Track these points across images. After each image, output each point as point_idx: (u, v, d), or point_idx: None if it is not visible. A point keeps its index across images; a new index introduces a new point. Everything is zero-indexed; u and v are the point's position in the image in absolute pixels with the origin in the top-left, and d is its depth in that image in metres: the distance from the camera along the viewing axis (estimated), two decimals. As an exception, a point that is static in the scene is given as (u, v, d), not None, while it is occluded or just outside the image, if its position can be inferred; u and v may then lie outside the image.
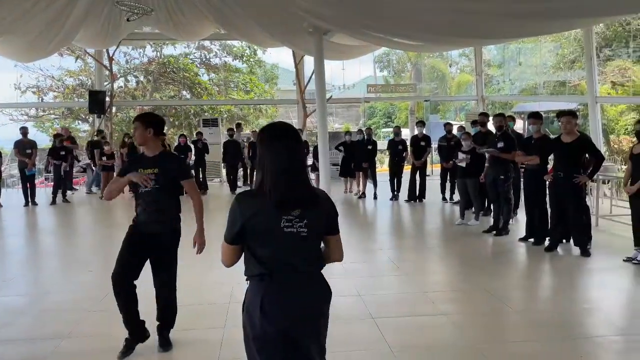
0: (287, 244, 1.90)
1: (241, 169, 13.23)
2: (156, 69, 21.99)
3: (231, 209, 1.92)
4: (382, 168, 15.19)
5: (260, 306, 1.88)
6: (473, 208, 8.06)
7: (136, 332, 3.47)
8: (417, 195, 10.28)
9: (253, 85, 22.60)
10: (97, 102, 14.71)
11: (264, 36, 12.72)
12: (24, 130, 11.49)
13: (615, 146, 13.41)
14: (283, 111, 26.04)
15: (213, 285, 5.03)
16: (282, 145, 1.92)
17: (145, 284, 3.52)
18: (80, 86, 21.35)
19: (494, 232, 7.09)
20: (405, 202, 10.27)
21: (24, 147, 11.16)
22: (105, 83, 16.14)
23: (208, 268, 5.62)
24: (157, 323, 3.58)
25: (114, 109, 16.26)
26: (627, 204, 5.91)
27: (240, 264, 2.03)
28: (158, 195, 3.39)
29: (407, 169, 10.99)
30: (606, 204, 8.50)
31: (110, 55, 15.79)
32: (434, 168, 14.04)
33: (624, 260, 5.56)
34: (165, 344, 3.55)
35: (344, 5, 8.49)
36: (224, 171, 13.89)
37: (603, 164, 6.14)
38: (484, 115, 8.77)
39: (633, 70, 16.89)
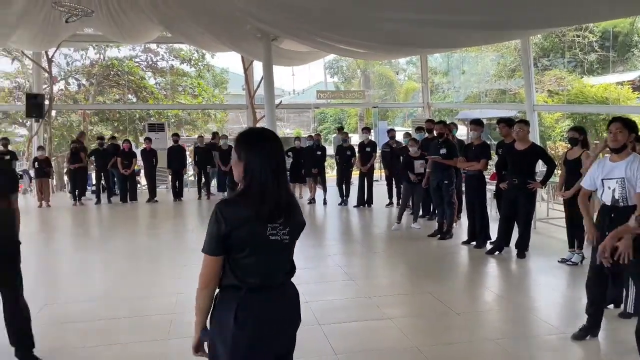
0: (270, 252, 1.86)
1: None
2: (99, 72, 21.23)
3: (213, 219, 1.81)
4: (332, 174, 15.28)
5: (235, 317, 1.81)
6: (412, 212, 8.30)
7: None
8: (365, 201, 10.40)
9: (201, 90, 22.21)
10: (35, 106, 14.02)
11: (211, 41, 12.57)
12: (-47, 135, 10.80)
13: (552, 152, 14.09)
14: (233, 116, 25.77)
15: (152, 295, 4.89)
16: (271, 150, 1.86)
17: None
18: (17, 89, 20.32)
19: (438, 235, 7.27)
20: (354, 207, 10.37)
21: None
22: (45, 86, 15.43)
23: (147, 279, 5.49)
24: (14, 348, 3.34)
25: (53, 113, 15.57)
26: (563, 207, 6.20)
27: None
28: None
29: (355, 175, 11.11)
30: (543, 207, 8.90)
31: (50, 57, 15.12)
32: (382, 173, 14.26)
33: (559, 261, 5.83)
34: None
35: (291, 12, 8.51)
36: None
37: (540, 169, 6.43)
38: (430, 122, 8.98)
39: (568, 80, 17.82)
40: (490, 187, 7.88)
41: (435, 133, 7.61)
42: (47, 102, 14.54)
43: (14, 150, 12.55)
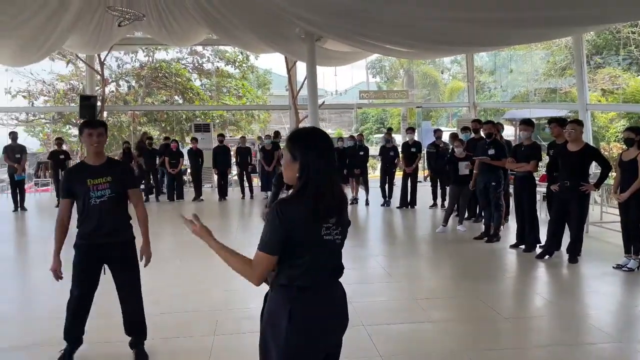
0: (324, 252, 1.87)
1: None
2: (148, 74, 21.90)
3: (272, 218, 1.80)
4: (374, 174, 15.20)
5: (288, 317, 1.82)
6: (458, 214, 8.13)
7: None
8: (408, 202, 10.29)
9: (245, 91, 22.55)
10: (88, 107, 14.59)
11: (256, 42, 12.74)
12: (13, 135, 11.40)
13: (606, 153, 13.51)
14: (276, 116, 26.05)
15: (200, 292, 4.98)
16: (325, 149, 1.87)
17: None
18: (71, 91, 21.20)
19: (485, 238, 7.10)
20: (397, 208, 10.28)
21: (13, 151, 11.07)
22: (97, 88, 16.06)
23: (193, 276, 5.61)
24: (129, 337, 3.51)
25: (105, 114, 16.19)
26: (617, 211, 5.94)
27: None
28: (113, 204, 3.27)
29: (398, 175, 11.01)
30: (596, 211, 8.56)
31: (102, 60, 15.73)
32: (425, 174, 14.06)
33: (614, 267, 5.58)
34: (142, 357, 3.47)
35: (336, 12, 8.52)
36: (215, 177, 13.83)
37: (593, 172, 6.18)
38: (477, 122, 8.81)
39: (623, 78, 17.05)
40: (540, 189, 7.64)
41: (482, 133, 7.45)
42: (99, 103, 15.14)
43: (67, 150, 13.15)
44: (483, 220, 7.52)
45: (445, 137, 11.01)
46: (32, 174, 14.42)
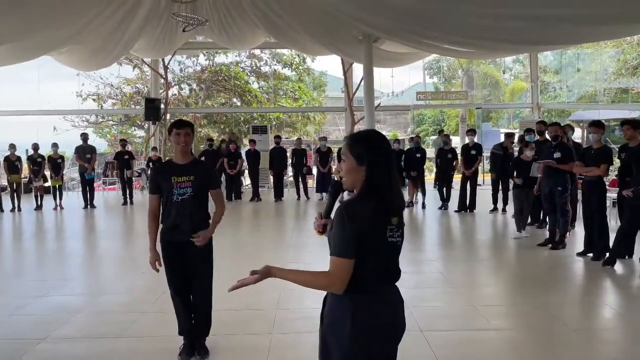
0: (387, 254, 1.85)
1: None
2: (208, 77, 22.57)
3: (343, 221, 1.76)
4: (430, 177, 14.93)
5: (353, 322, 1.79)
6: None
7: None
8: (467, 206, 10.02)
9: (302, 93, 22.78)
10: (153, 109, 15.26)
11: (314, 44, 12.85)
12: (84, 136, 12.11)
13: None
14: (330, 118, 26.12)
15: (257, 291, 5.04)
16: (388, 151, 1.87)
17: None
18: (137, 94, 22.19)
19: (550, 245, 6.79)
20: (455, 212, 10.03)
21: (84, 152, 11.74)
22: (161, 91, 16.72)
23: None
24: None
25: (168, 116, 16.85)
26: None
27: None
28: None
29: (457, 178, 10.76)
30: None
31: (166, 64, 16.35)
32: (485, 177, 13.67)
33: (693, 279, 5.21)
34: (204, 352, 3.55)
35: (394, 13, 8.44)
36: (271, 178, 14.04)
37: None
38: (542, 123, 8.48)
39: (703, 76, 15.87)
40: (610, 195, 7.23)
41: (548, 135, 7.13)
42: (162, 106, 15.76)
43: (132, 151, 13.84)
44: (547, 226, 7.21)
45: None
46: (100, 174, 15.23)
